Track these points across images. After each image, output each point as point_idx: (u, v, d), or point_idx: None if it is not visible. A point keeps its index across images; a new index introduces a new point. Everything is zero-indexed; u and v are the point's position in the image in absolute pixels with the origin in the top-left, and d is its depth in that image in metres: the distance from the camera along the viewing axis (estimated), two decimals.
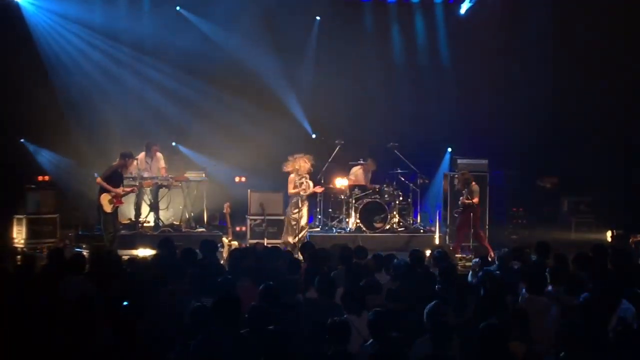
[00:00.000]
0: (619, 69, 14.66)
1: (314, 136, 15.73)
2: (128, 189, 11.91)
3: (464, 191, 12.17)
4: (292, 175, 12.21)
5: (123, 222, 12.88)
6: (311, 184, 12.41)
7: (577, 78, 14.85)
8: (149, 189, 13.20)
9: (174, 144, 15.18)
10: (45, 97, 14.00)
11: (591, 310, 5.74)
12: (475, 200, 12.03)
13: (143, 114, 14.72)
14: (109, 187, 11.48)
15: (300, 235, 12.19)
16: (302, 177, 12.22)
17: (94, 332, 5.15)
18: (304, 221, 12.32)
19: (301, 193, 12.18)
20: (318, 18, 15.76)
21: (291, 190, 12.24)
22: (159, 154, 13.51)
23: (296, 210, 12.16)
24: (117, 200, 11.53)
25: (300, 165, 12.16)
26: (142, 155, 13.20)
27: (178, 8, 15.21)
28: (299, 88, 15.56)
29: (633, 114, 14.92)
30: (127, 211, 13.37)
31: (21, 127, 14.07)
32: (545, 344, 5.69)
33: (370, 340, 5.42)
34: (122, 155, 11.88)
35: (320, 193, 13.19)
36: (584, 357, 4.93)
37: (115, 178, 11.65)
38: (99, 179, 11.58)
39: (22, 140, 14.33)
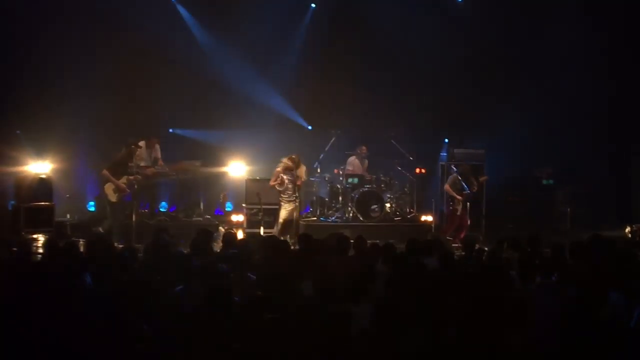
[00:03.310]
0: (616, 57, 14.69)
1: (309, 128, 15.71)
2: (132, 178, 11.82)
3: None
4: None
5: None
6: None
7: (576, 66, 14.81)
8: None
9: (170, 130, 15.11)
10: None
11: (585, 301, 5.75)
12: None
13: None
14: (114, 179, 11.55)
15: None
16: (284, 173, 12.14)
17: (86, 319, 5.14)
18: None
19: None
20: (313, 5, 15.72)
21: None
22: (157, 145, 13.51)
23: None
24: (122, 190, 11.58)
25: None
26: (142, 144, 13.15)
27: (173, 0, 15.15)
28: (289, 78, 15.40)
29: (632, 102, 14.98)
30: None
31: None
32: (541, 333, 5.68)
33: None
34: (129, 143, 11.91)
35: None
36: (578, 346, 4.94)
37: (120, 169, 11.70)
38: (104, 171, 11.62)
39: (18, 131, 14.25)
